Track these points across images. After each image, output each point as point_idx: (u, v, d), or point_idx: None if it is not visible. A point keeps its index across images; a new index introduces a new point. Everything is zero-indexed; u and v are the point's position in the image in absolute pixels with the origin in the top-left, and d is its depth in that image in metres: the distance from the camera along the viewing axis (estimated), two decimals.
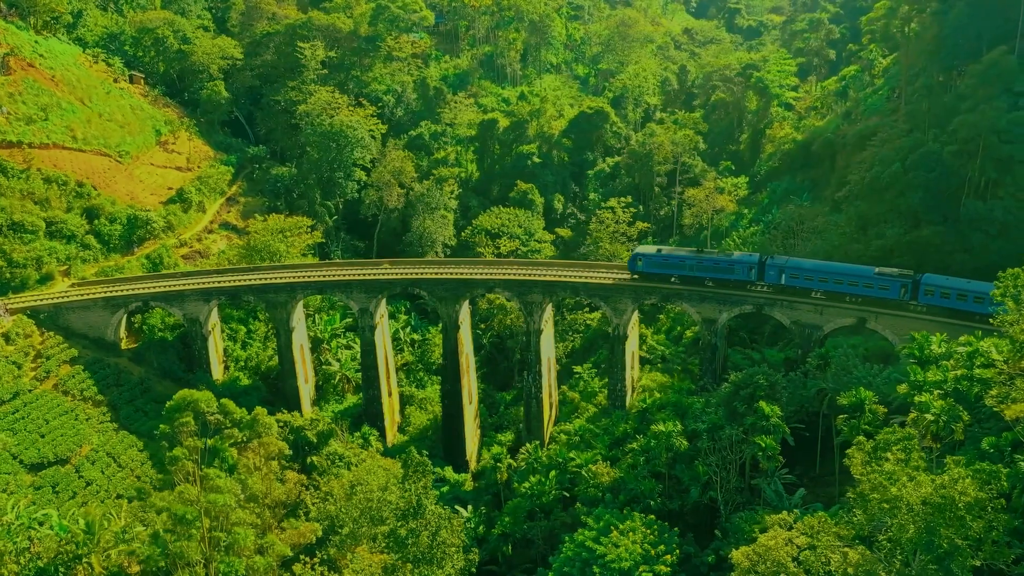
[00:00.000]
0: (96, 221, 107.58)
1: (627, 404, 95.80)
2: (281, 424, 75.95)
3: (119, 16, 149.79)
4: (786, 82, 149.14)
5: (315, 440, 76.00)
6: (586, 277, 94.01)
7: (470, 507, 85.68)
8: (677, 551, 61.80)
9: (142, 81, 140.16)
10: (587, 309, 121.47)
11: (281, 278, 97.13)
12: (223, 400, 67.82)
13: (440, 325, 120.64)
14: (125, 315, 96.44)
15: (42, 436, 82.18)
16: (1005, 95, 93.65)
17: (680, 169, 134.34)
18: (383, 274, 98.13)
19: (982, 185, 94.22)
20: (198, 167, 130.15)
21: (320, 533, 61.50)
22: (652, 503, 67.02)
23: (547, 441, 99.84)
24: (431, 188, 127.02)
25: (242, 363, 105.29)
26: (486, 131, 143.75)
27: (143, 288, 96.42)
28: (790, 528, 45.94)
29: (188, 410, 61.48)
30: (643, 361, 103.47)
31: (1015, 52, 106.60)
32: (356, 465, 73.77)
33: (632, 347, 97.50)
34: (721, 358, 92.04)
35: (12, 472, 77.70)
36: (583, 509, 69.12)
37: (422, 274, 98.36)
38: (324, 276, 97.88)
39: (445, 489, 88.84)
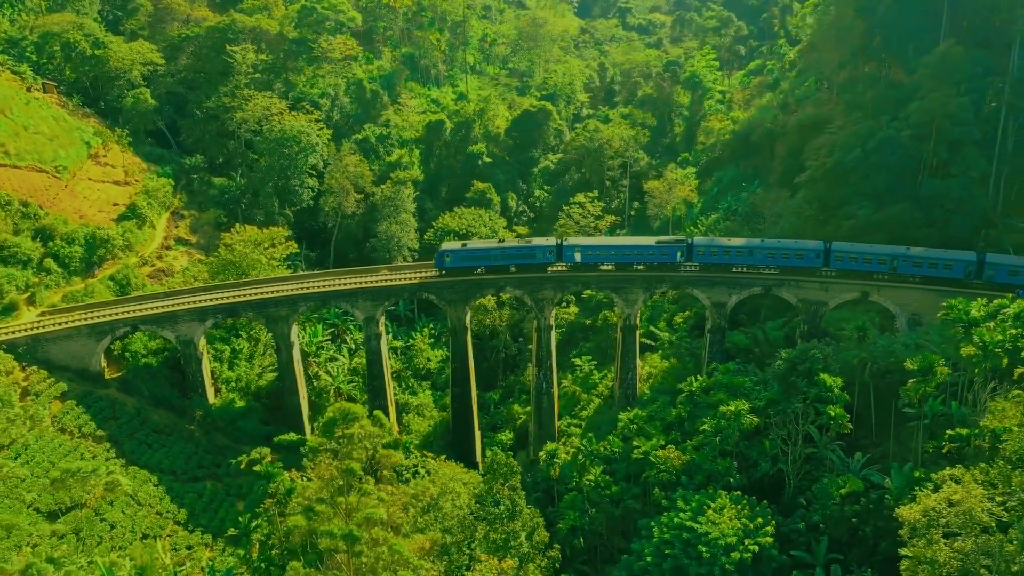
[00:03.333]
0: (51, 243, 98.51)
1: (638, 392, 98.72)
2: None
3: (6, 21, 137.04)
4: (712, 76, 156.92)
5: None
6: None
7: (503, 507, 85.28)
8: (773, 522, 64.91)
9: (55, 90, 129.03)
10: (564, 304, 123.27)
11: (281, 291, 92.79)
12: (376, 412, 64.41)
13: (424, 331, 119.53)
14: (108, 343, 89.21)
15: (52, 482, 74.84)
16: (949, 83, 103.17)
17: (629, 163, 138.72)
18: (388, 280, 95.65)
19: (935, 165, 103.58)
20: (135, 180, 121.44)
21: (440, 543, 59.90)
22: (732, 480, 69.76)
23: (556, 435, 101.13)
24: (398, 191, 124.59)
25: (233, 384, 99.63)
26: (433, 132, 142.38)
27: (129, 312, 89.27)
28: (958, 482, 49.65)
29: (349, 423, 58.06)
30: (644, 348, 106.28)
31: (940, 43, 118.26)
32: (423, 474, 72.24)
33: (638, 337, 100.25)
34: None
35: (32, 522, 70.47)
36: (660, 494, 70.81)
37: (426, 278, 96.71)
38: (326, 286, 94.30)
39: None
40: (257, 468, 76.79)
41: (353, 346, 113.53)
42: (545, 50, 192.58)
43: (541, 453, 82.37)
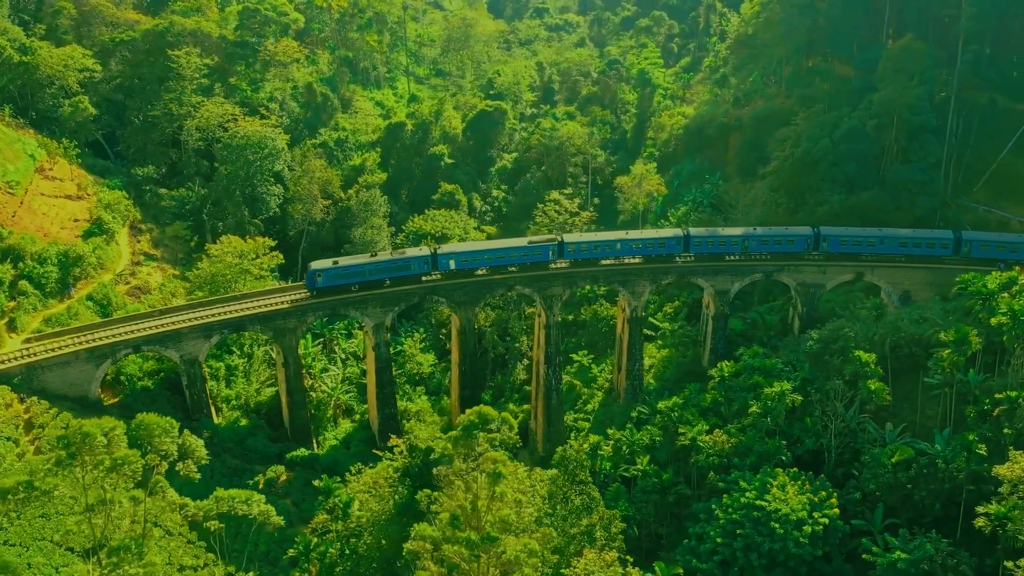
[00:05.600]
0: (21, 264, 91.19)
1: (644, 383, 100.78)
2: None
3: None
4: (658, 73, 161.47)
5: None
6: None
7: None
8: (835, 495, 68.04)
9: None
10: None
11: (288, 302, 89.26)
12: (503, 413, 62.60)
13: (415, 335, 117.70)
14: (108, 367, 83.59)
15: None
16: (907, 75, 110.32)
17: (589, 160, 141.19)
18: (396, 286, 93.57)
19: (896, 152, 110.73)
20: (87, 194, 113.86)
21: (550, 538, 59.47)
22: (784, 458, 72.57)
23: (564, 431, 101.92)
24: (373, 195, 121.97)
25: (233, 402, 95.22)
26: (392, 135, 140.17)
27: (128, 332, 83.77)
28: None
29: (483, 426, 56.33)
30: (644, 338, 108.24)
31: (884, 40, 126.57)
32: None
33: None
34: None
35: (68, 564, 65.32)
36: (716, 478, 72.81)
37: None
38: (334, 294, 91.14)
39: None
40: (316, 483, 74.23)
41: (343, 356, 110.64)
42: (477, 51, 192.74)
43: (579, 447, 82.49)
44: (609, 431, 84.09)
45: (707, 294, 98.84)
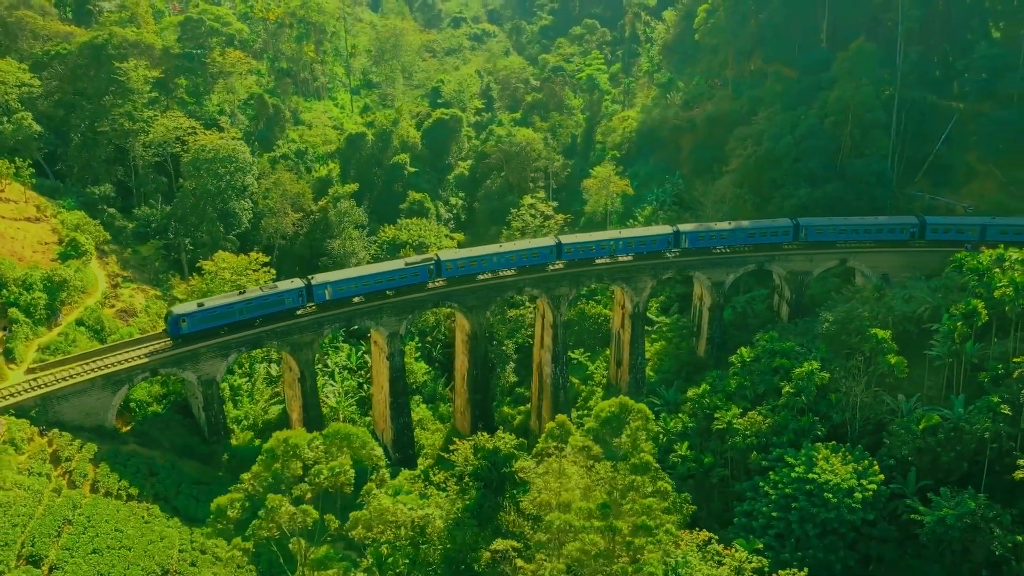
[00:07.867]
0: (5, 291, 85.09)
1: (646, 375, 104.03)
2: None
3: None
4: (603, 78, 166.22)
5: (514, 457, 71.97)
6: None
7: None
8: (877, 464, 72.82)
9: None
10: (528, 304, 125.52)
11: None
12: (640, 405, 62.30)
13: (411, 344, 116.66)
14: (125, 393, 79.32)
15: (129, 550, 65.93)
16: (859, 75, 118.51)
17: (549, 164, 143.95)
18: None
19: (850, 147, 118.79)
20: (47, 216, 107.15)
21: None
22: (819, 432, 76.95)
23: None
24: (352, 206, 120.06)
25: (244, 423, 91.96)
26: (352, 145, 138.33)
27: (139, 356, 79.75)
28: None
29: (625, 417, 56.38)
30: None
31: (822, 44, 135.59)
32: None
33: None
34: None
35: None
36: (759, 457, 76.40)
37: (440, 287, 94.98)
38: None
39: None
40: (383, 488, 72.79)
41: (336, 368, 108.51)
42: (407, 61, 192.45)
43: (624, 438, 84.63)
44: (655, 424, 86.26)
45: (701, 286, 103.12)
